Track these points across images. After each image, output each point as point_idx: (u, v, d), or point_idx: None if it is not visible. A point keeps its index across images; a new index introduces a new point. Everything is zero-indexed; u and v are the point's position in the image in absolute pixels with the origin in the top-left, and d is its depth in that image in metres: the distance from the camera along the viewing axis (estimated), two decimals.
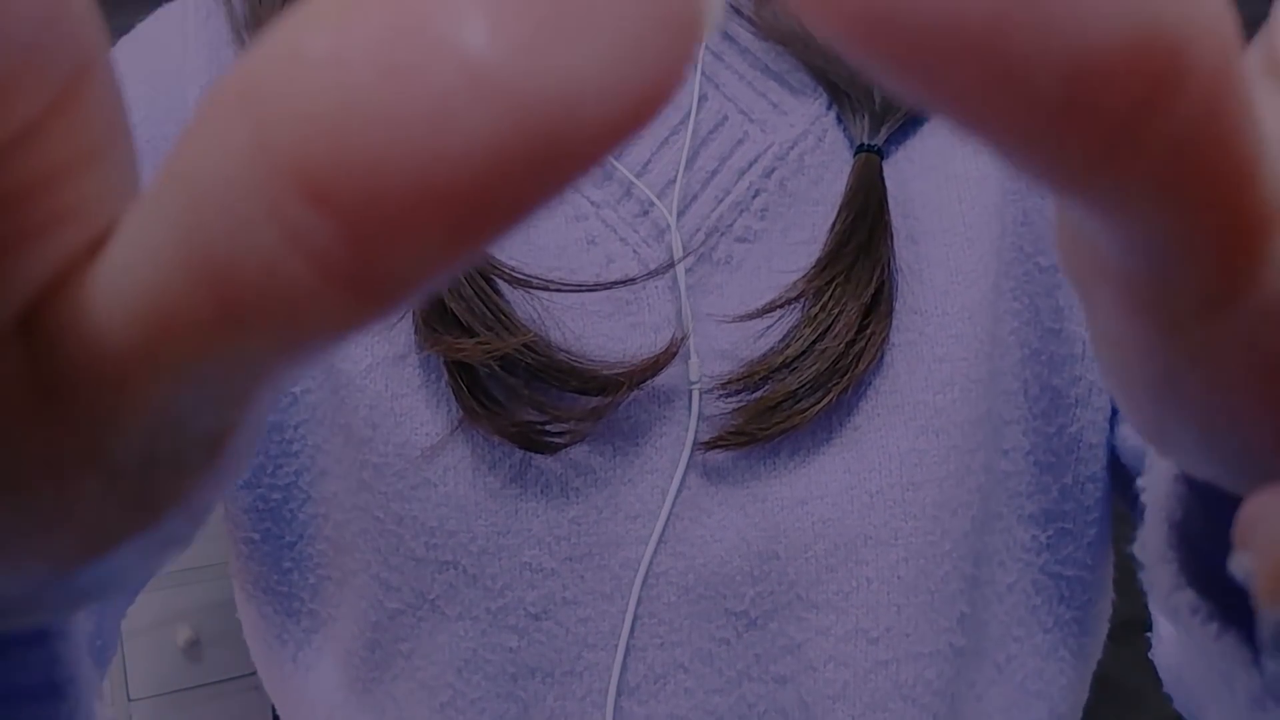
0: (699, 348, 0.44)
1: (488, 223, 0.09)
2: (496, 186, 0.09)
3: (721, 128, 0.46)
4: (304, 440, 0.47)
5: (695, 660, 0.44)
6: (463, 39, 0.09)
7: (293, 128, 0.09)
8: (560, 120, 0.09)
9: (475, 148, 0.09)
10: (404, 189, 0.09)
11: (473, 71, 0.09)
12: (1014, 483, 0.47)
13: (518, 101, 0.09)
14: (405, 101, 0.09)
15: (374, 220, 0.09)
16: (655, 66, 0.09)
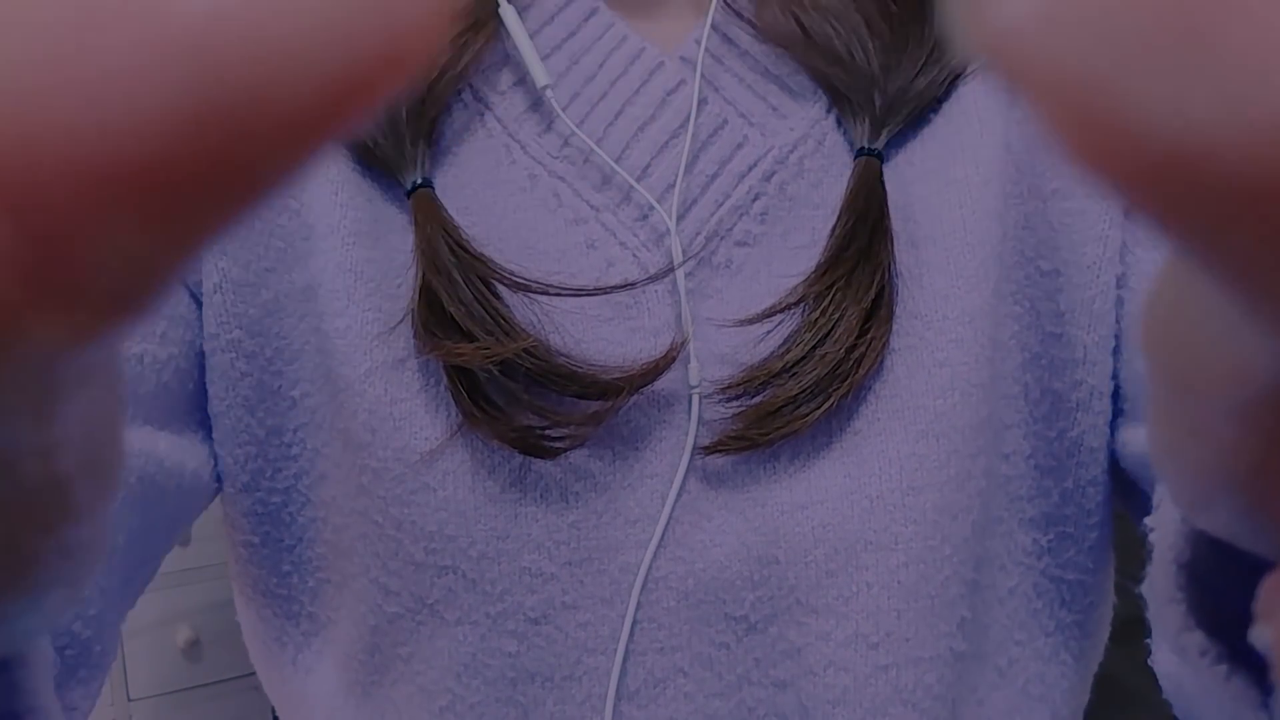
0: (699, 352, 0.44)
1: (187, 203, 0.08)
2: (185, 160, 0.08)
3: (721, 131, 0.46)
4: (303, 444, 0.47)
5: (695, 665, 0.44)
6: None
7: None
8: (264, 79, 0.08)
9: (154, 113, 0.08)
10: (68, 165, 0.08)
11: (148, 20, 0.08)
12: (1015, 487, 0.47)
13: (207, 57, 0.08)
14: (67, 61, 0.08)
15: (43, 207, 0.08)
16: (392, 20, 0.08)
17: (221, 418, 0.46)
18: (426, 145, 0.45)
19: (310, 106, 0.08)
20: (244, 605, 0.52)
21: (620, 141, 0.46)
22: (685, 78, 0.47)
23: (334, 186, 0.45)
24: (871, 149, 0.45)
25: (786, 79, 0.47)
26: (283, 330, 0.46)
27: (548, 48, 0.47)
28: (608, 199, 0.46)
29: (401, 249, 0.45)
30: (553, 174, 0.46)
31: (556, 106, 0.46)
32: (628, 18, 0.48)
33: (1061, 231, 0.46)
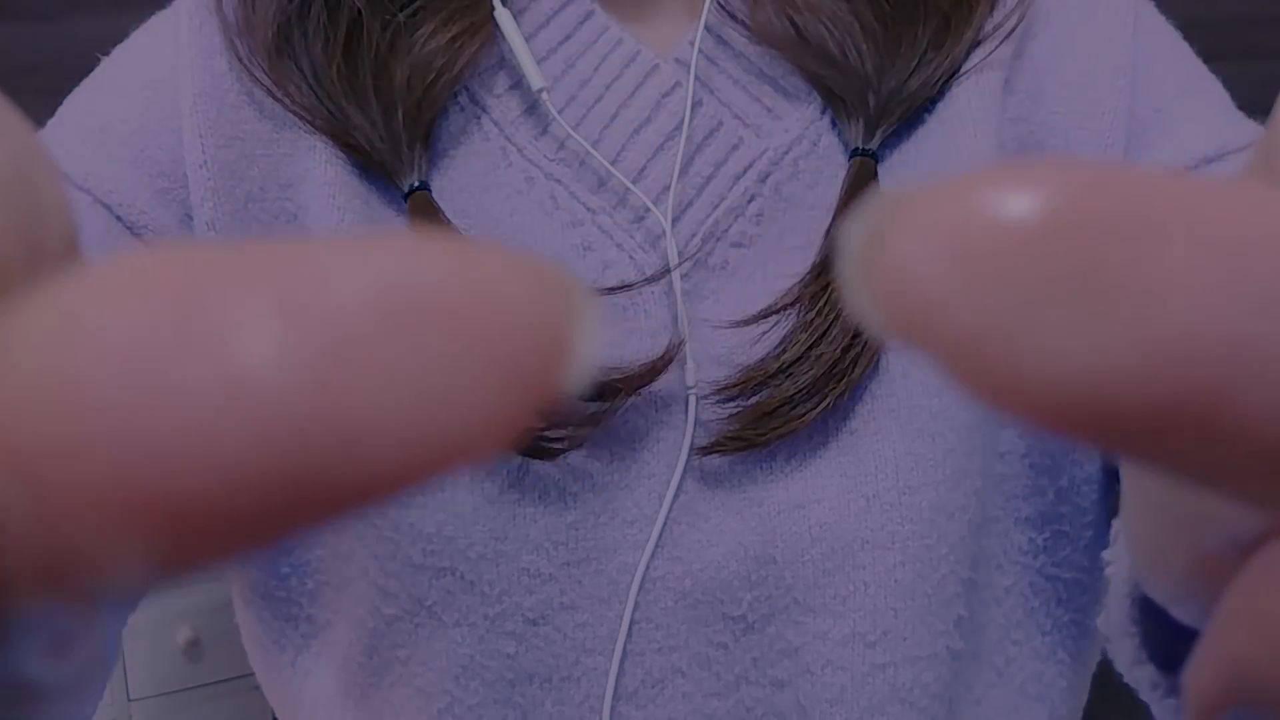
0: (695, 353, 0.44)
1: (217, 539, 0.08)
2: (231, 507, 0.08)
3: (716, 133, 0.46)
4: None
5: (693, 665, 0.44)
6: (235, 340, 0.08)
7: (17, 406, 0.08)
8: (327, 457, 0.08)
9: (208, 461, 0.08)
10: (109, 481, 0.08)
11: (232, 381, 0.08)
12: (1010, 486, 0.47)
13: (280, 425, 0.08)
14: (144, 391, 0.08)
15: (69, 505, 0.08)
16: (467, 421, 0.08)
17: None
18: (423, 148, 0.45)
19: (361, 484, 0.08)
20: (242, 607, 0.53)
21: (616, 144, 0.46)
22: (680, 80, 0.47)
23: (330, 190, 0.45)
24: (866, 150, 0.46)
25: (781, 80, 0.47)
26: None
27: (543, 51, 0.47)
28: (604, 201, 0.46)
29: None
30: (549, 176, 0.46)
31: (552, 109, 0.46)
32: (623, 21, 0.48)
33: None
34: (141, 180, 0.44)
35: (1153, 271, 0.08)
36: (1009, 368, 0.09)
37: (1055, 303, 0.09)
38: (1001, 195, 0.09)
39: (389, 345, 0.08)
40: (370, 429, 0.08)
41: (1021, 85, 0.47)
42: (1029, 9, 0.47)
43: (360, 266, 0.08)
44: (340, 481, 0.08)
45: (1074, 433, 0.09)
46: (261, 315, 0.08)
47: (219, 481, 0.08)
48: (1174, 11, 0.50)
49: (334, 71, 0.45)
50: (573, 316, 0.09)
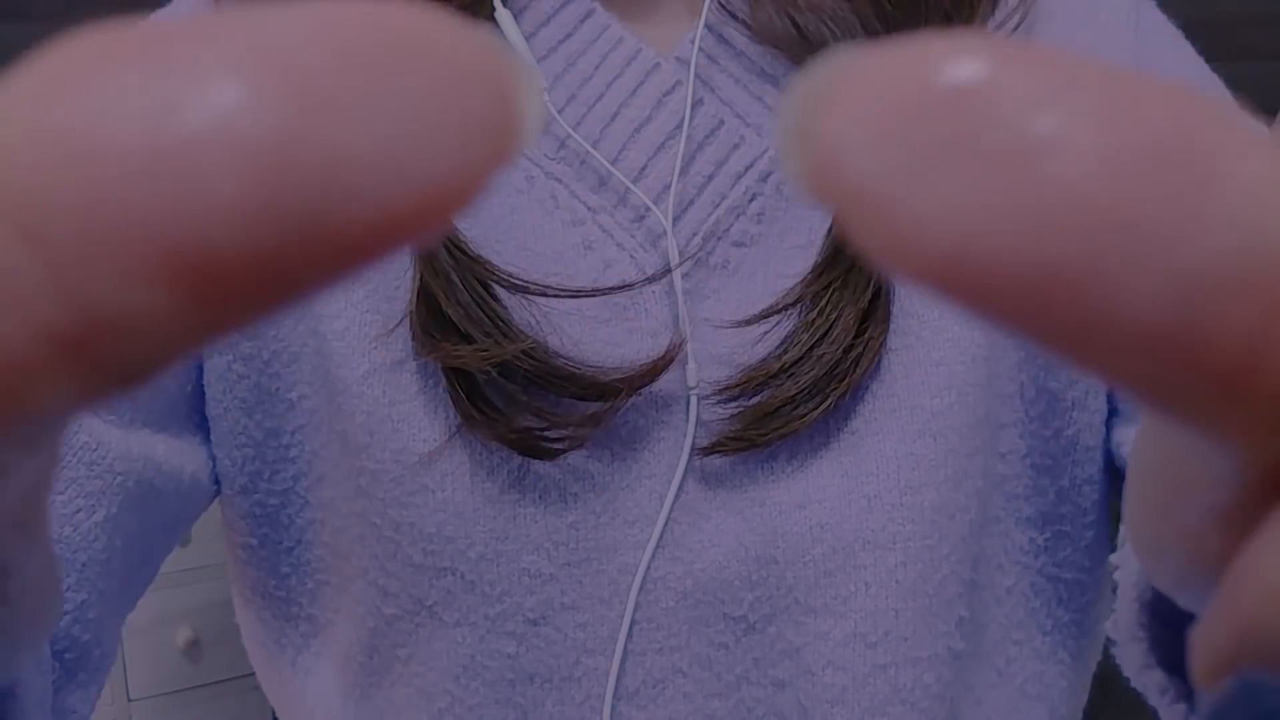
0: (697, 353, 0.44)
1: (231, 289, 0.08)
2: (240, 251, 0.08)
3: (717, 132, 0.46)
4: (301, 446, 0.47)
5: (694, 665, 0.44)
6: (221, 87, 0.08)
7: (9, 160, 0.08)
8: (319, 196, 0.08)
9: (215, 206, 0.08)
10: (123, 235, 0.08)
11: (226, 125, 0.08)
12: (1011, 486, 0.47)
13: (273, 165, 0.08)
14: (143, 141, 0.08)
15: (86, 266, 0.08)
16: (446, 164, 0.09)
17: (219, 420, 0.46)
18: None
19: (355, 227, 0.08)
20: (243, 607, 0.52)
21: (617, 143, 0.46)
22: (681, 79, 0.47)
23: None
24: None
25: (782, 79, 0.47)
26: (280, 333, 0.46)
27: (543, 50, 0.47)
28: (604, 200, 0.46)
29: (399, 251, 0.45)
30: (550, 175, 0.46)
31: (552, 109, 0.46)
32: (623, 19, 0.48)
33: None
34: None
35: (1034, 136, 0.09)
36: (894, 224, 0.09)
37: (942, 164, 0.09)
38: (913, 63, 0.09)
39: (365, 84, 0.08)
40: (356, 164, 0.08)
41: None
42: (1030, 8, 0.47)
43: (323, 17, 0.09)
44: (335, 222, 0.08)
45: (953, 295, 0.09)
46: (241, 63, 0.08)
47: (224, 223, 0.08)
48: (1174, 11, 0.50)
49: None
50: (519, 72, 0.09)
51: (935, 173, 0.09)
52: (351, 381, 0.44)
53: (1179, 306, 0.09)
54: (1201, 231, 0.09)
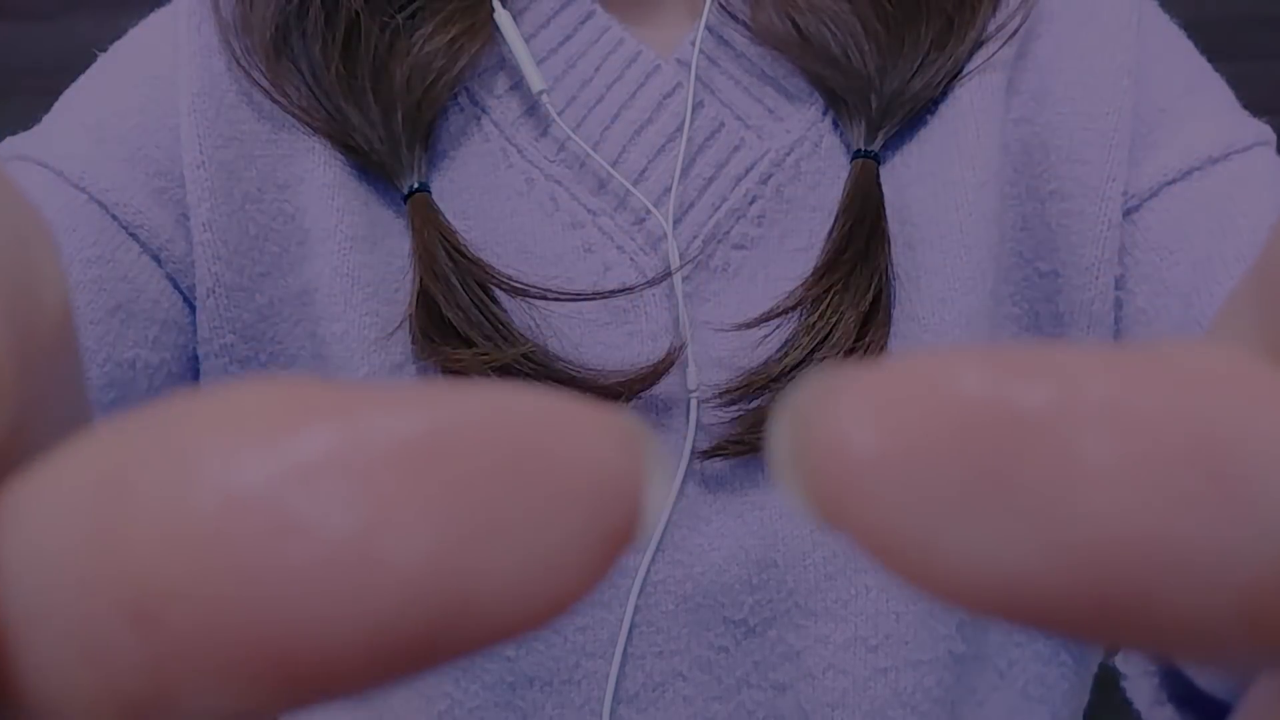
0: (697, 356, 0.44)
1: (311, 690, 0.08)
2: (343, 664, 0.08)
3: (718, 134, 0.46)
4: None
5: (694, 668, 0.44)
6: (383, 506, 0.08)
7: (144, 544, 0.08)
8: (447, 620, 0.08)
9: (336, 625, 0.08)
10: (237, 636, 0.08)
11: (371, 546, 0.08)
12: None
13: (409, 595, 0.08)
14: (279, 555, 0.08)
15: (187, 658, 0.08)
16: (575, 574, 0.09)
17: None
18: (423, 149, 0.45)
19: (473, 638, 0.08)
20: None
21: (617, 145, 0.46)
22: (681, 81, 0.46)
23: (330, 191, 0.45)
24: (868, 151, 0.45)
25: (782, 81, 0.47)
26: (277, 335, 0.45)
27: (543, 51, 0.47)
28: (604, 203, 0.46)
29: (399, 254, 0.45)
30: (549, 178, 0.46)
31: (552, 111, 0.46)
32: (623, 21, 0.48)
33: (1059, 233, 0.46)
34: (138, 179, 0.44)
35: (1065, 470, 0.08)
36: (925, 565, 0.09)
37: (970, 500, 0.09)
38: (930, 386, 0.09)
39: (500, 502, 0.08)
40: (485, 588, 0.08)
41: (1025, 86, 0.47)
42: (1032, 9, 0.47)
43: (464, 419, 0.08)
44: (454, 639, 0.08)
45: (998, 617, 0.09)
46: (401, 471, 0.08)
47: (334, 638, 0.08)
48: (1175, 11, 0.50)
49: (332, 72, 0.45)
50: (649, 465, 0.09)
51: (966, 509, 0.09)
52: None
53: (1242, 613, 0.09)
54: (1250, 548, 0.08)
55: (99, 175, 0.44)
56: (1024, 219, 0.47)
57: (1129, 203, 0.46)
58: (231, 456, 0.08)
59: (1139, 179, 0.46)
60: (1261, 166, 0.46)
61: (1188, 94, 0.47)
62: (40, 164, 0.44)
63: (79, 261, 0.42)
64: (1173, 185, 0.45)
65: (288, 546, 0.08)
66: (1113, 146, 0.46)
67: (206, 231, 0.44)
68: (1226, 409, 0.09)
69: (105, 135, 0.45)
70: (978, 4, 0.46)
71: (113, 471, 0.08)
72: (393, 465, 0.08)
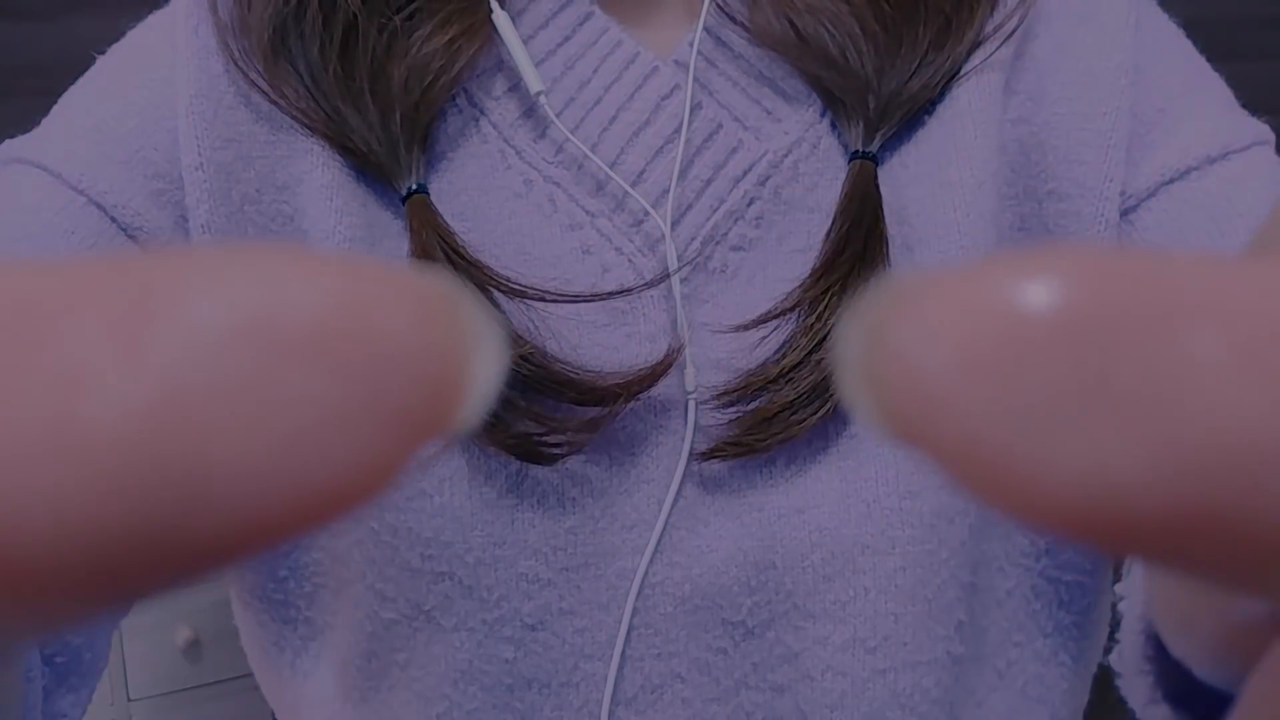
0: (695, 358, 0.44)
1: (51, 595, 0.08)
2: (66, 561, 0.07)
3: (716, 136, 0.46)
4: None
5: (692, 670, 0.44)
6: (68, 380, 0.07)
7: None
8: (176, 508, 0.07)
9: (45, 515, 0.07)
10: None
11: (66, 428, 0.07)
12: None
13: (117, 472, 0.07)
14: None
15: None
16: (337, 462, 0.08)
17: None
18: (421, 151, 0.45)
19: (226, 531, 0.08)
20: (241, 610, 0.52)
21: (615, 147, 0.46)
22: (679, 82, 0.46)
23: (328, 192, 0.45)
24: (866, 152, 0.45)
25: (780, 82, 0.47)
26: None
27: (541, 53, 0.47)
28: (602, 205, 0.46)
29: (397, 255, 0.45)
30: (547, 179, 0.46)
31: (550, 112, 0.46)
32: (621, 22, 0.48)
33: (1057, 233, 0.46)
34: (136, 181, 0.44)
35: (1166, 373, 0.08)
36: (1016, 478, 0.08)
37: (1065, 409, 0.08)
38: (1011, 288, 0.08)
39: (245, 381, 0.07)
40: (223, 476, 0.07)
41: (1023, 86, 0.47)
42: (1030, 9, 0.47)
43: (217, 288, 0.08)
44: (194, 534, 0.07)
45: (1088, 540, 0.08)
46: (98, 350, 0.07)
47: (58, 535, 0.07)
48: (1174, 11, 0.50)
49: (330, 74, 0.45)
50: (465, 343, 0.08)
51: (1064, 419, 0.08)
52: None
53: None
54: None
55: (97, 177, 0.44)
56: (1022, 219, 0.47)
57: (1127, 203, 0.46)
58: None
59: (1137, 179, 0.46)
60: (1260, 166, 0.46)
61: (1186, 94, 0.47)
62: (39, 166, 0.44)
63: None
64: (1171, 185, 0.45)
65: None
66: (1110, 147, 0.46)
67: (205, 233, 0.44)
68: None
69: (104, 137, 0.45)
70: (975, 5, 0.46)
71: None
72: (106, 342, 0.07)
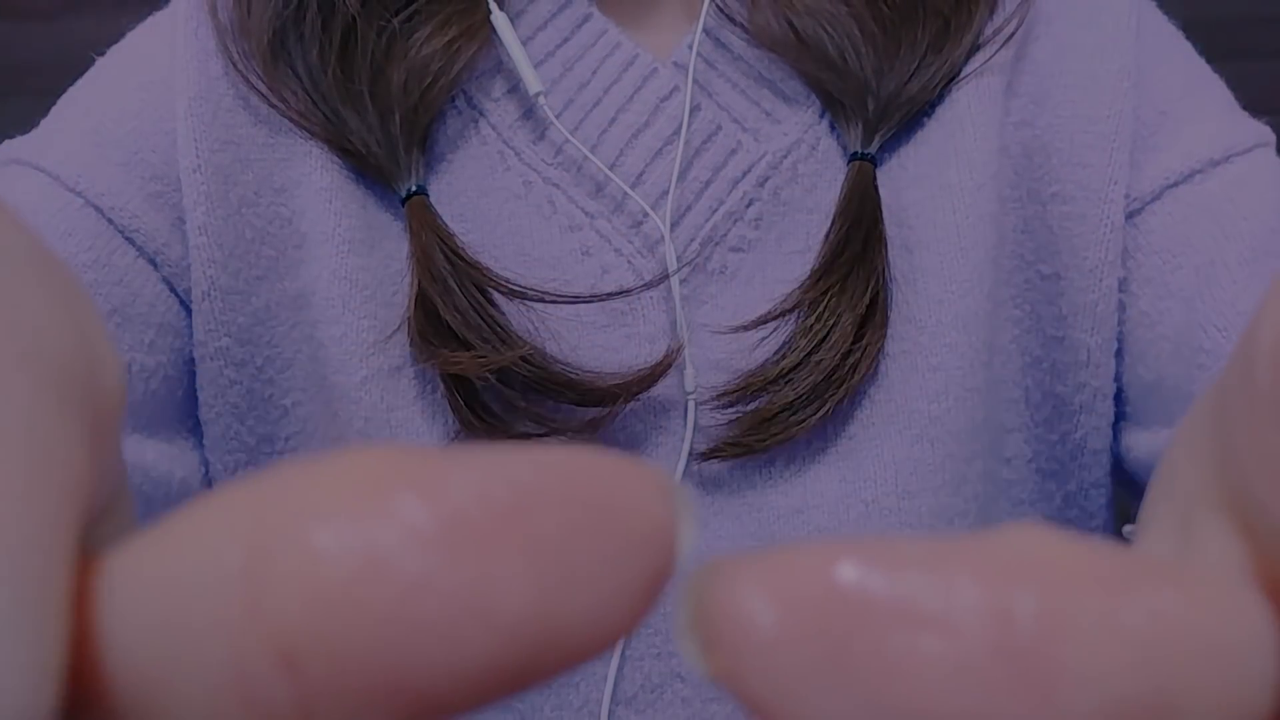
0: (694, 358, 0.44)
1: (436, 714, 0.10)
2: (461, 693, 0.10)
3: (715, 137, 0.46)
4: (295, 452, 0.47)
5: (691, 670, 0.44)
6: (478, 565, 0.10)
7: (287, 596, 0.10)
8: (544, 651, 0.10)
9: (459, 662, 0.10)
10: (372, 680, 0.10)
11: (481, 603, 0.10)
12: (1016, 490, 0.47)
13: (516, 635, 0.10)
14: (404, 608, 0.10)
15: (331, 698, 0.10)
16: (632, 607, 0.10)
17: (211, 425, 0.46)
18: (420, 152, 0.45)
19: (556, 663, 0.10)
20: None
21: (614, 148, 0.46)
22: (679, 84, 0.46)
23: (328, 194, 0.45)
24: (865, 154, 0.45)
25: (779, 84, 0.47)
26: (273, 339, 0.45)
27: (540, 55, 0.47)
28: (602, 206, 0.46)
29: (396, 256, 0.45)
30: (547, 181, 0.46)
31: (550, 114, 0.46)
32: (621, 24, 0.48)
33: (1061, 235, 0.46)
34: (134, 183, 0.44)
35: (892, 653, 0.10)
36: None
37: (827, 676, 0.10)
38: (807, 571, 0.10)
39: (577, 553, 0.10)
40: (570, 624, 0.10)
41: (1024, 89, 0.47)
42: (1028, 12, 0.47)
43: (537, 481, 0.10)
44: (544, 666, 0.10)
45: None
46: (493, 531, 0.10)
47: (453, 675, 0.10)
48: (1174, 11, 0.50)
49: (329, 76, 0.45)
50: (680, 513, 0.11)
51: (830, 683, 0.10)
52: (349, 388, 0.44)
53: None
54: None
55: (95, 179, 0.44)
56: (1025, 222, 0.47)
57: (1131, 205, 0.46)
58: (349, 527, 0.10)
59: (1140, 182, 0.46)
60: (1262, 168, 0.46)
61: (1187, 96, 0.47)
62: (36, 168, 0.44)
63: (75, 266, 0.42)
64: (1174, 188, 0.45)
65: (408, 603, 0.10)
66: (1114, 149, 0.45)
67: (202, 235, 0.44)
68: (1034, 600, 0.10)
69: (102, 139, 0.45)
70: (974, 7, 0.46)
71: (249, 544, 0.10)
72: (487, 526, 0.10)
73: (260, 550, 0.10)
